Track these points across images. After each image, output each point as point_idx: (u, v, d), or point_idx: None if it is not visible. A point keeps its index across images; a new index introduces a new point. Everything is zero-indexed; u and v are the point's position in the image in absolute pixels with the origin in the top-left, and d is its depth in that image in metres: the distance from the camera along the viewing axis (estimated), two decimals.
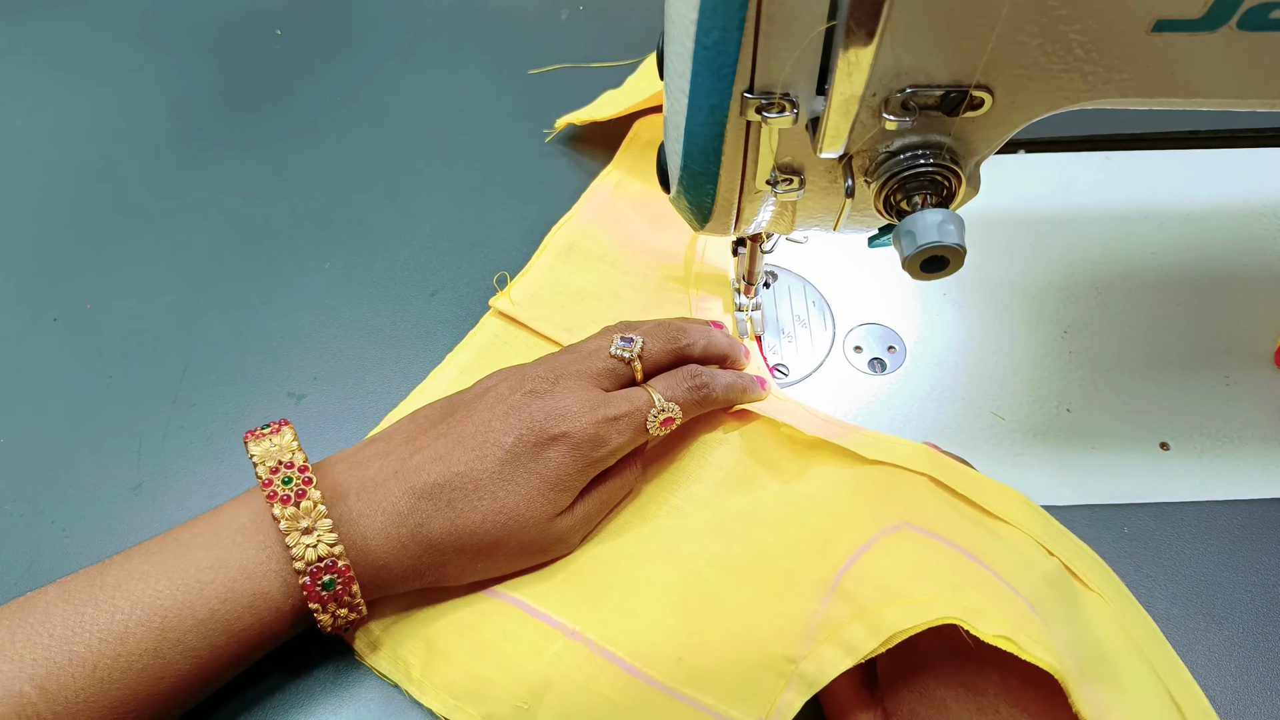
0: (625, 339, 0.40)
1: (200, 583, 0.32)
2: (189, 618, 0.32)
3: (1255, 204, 0.53)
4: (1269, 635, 0.38)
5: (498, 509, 0.35)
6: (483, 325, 0.49)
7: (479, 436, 0.36)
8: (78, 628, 0.31)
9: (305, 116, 0.59)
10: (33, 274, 0.51)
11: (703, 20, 0.28)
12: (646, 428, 0.38)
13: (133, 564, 0.33)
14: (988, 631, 0.30)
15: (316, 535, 0.33)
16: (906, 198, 0.32)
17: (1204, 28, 0.28)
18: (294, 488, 0.33)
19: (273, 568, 0.33)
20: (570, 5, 0.66)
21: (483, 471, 0.35)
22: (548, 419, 0.36)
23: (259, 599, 0.33)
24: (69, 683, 0.30)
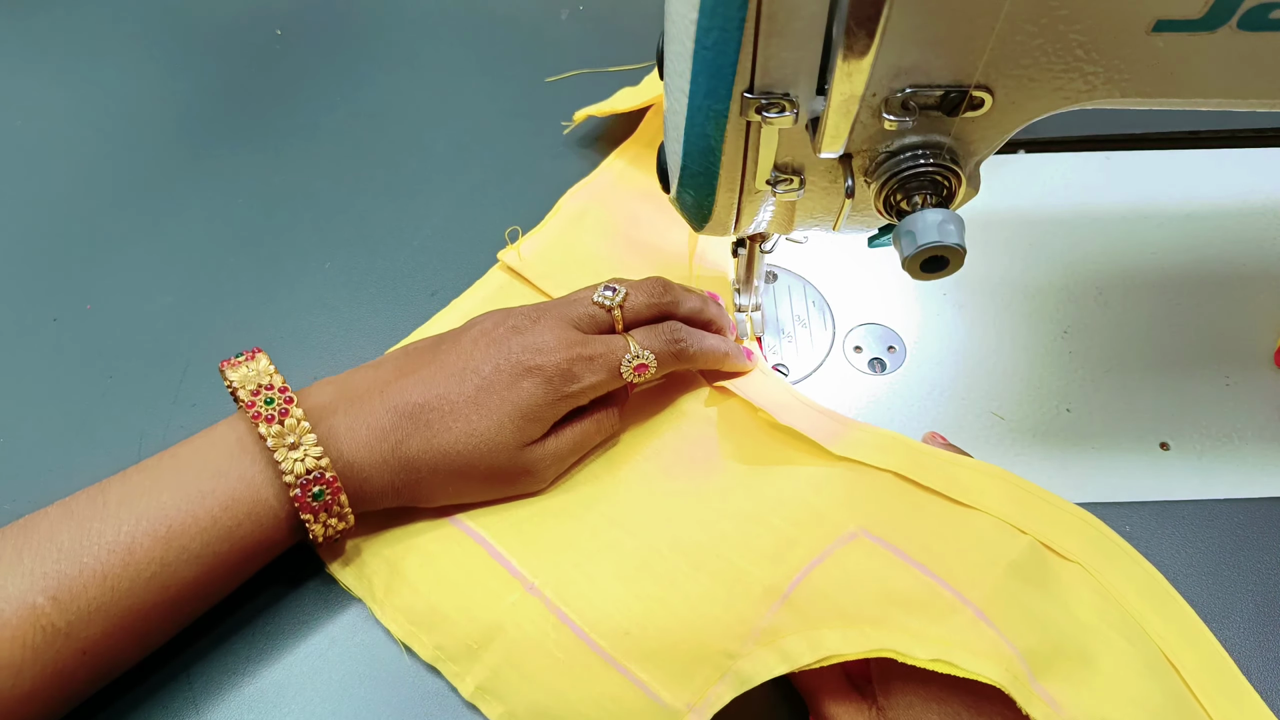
0: (609, 288, 0.41)
1: (202, 492, 0.34)
2: (193, 526, 0.33)
3: (1255, 204, 0.53)
4: (1270, 633, 0.38)
5: (470, 431, 0.37)
6: (488, 277, 0.50)
7: (459, 364, 0.38)
8: (85, 541, 0.32)
9: (305, 117, 0.59)
10: (33, 274, 0.51)
11: (703, 20, 0.28)
12: (620, 371, 0.39)
13: (132, 481, 0.34)
14: (922, 657, 0.32)
15: (303, 450, 0.34)
16: (906, 198, 0.32)
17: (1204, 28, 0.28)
18: (276, 407, 0.35)
19: (270, 476, 0.34)
20: (570, 5, 0.66)
21: (459, 395, 0.37)
22: (524, 351, 0.38)
23: (258, 506, 0.34)
24: (80, 593, 0.31)
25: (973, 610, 0.34)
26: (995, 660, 0.32)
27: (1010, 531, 0.37)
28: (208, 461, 0.35)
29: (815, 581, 0.36)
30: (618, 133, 0.57)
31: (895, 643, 0.33)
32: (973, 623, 0.33)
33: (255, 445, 0.35)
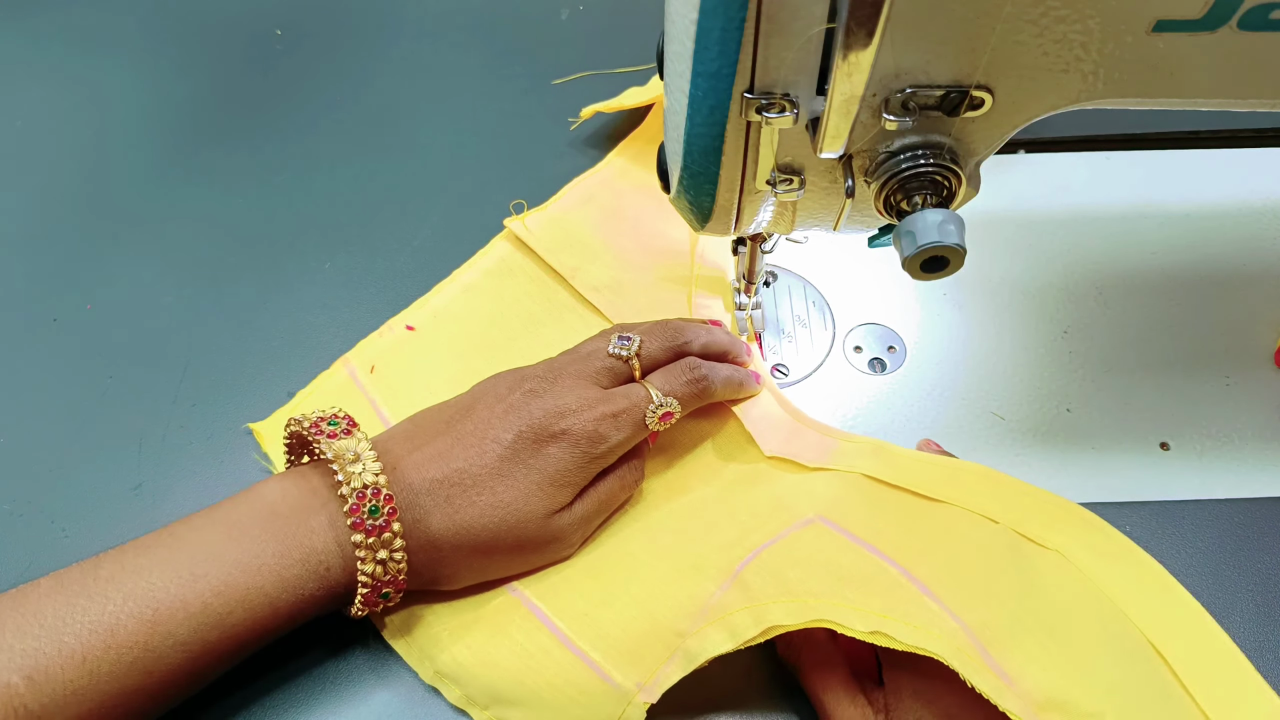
0: (623, 338, 0.40)
1: (194, 576, 0.32)
2: (180, 611, 0.31)
3: (1255, 204, 0.53)
4: (1270, 633, 0.38)
5: (496, 504, 0.35)
6: (491, 248, 0.51)
7: (478, 434, 0.36)
8: (69, 619, 0.30)
9: (305, 117, 0.59)
10: (33, 274, 0.51)
11: (703, 20, 0.28)
12: (645, 423, 0.38)
13: (127, 557, 0.32)
14: (861, 629, 0.32)
15: (363, 464, 0.34)
16: (906, 198, 0.32)
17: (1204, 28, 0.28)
18: (340, 427, 0.35)
19: (268, 562, 0.33)
20: (570, 5, 0.66)
21: (482, 468, 0.36)
22: (547, 416, 0.36)
23: (252, 593, 0.32)
24: (57, 674, 0.30)
25: (917, 586, 0.34)
26: (937, 633, 0.32)
27: (978, 520, 0.37)
28: (205, 543, 0.33)
29: (765, 561, 0.36)
30: (620, 133, 0.57)
31: (836, 615, 0.33)
32: (916, 597, 0.33)
33: (265, 521, 0.33)
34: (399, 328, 0.48)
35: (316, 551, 0.33)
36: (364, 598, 0.34)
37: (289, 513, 0.34)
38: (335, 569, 0.34)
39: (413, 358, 0.47)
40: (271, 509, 0.34)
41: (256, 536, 0.33)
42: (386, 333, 0.48)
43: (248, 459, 0.44)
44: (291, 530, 0.33)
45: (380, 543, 0.33)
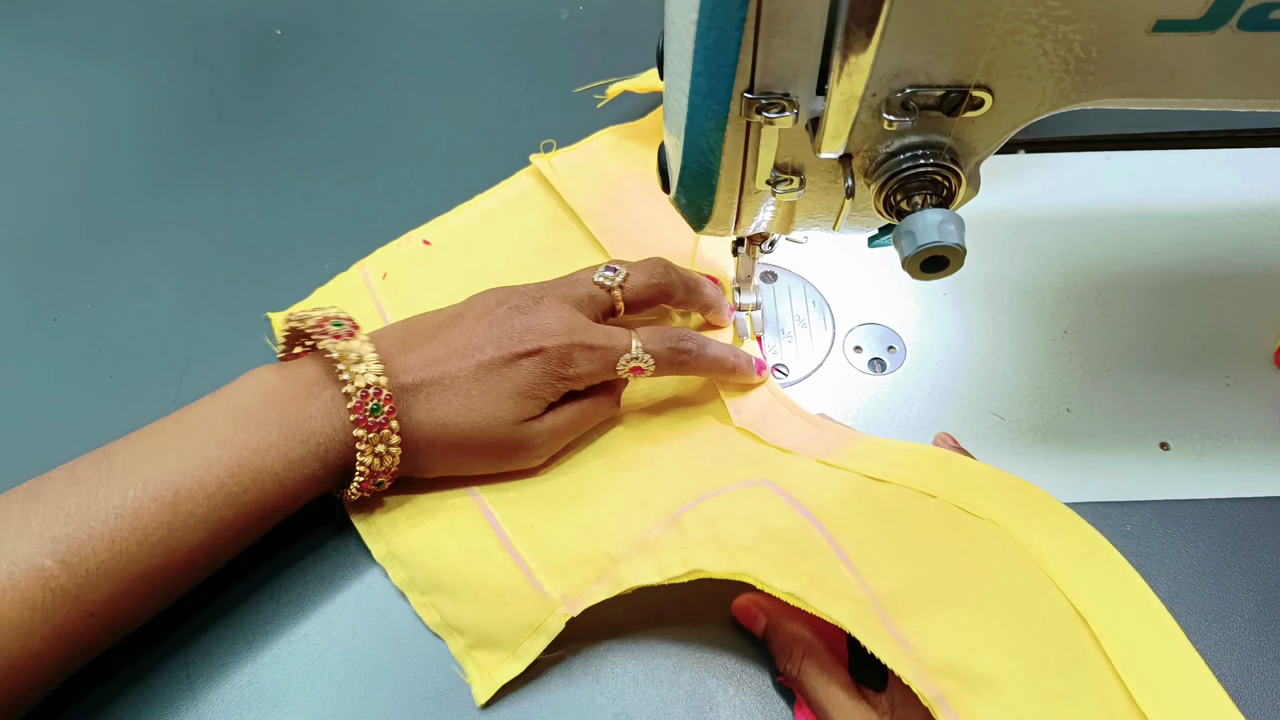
0: (610, 268, 0.42)
1: (208, 459, 0.34)
2: (199, 491, 0.34)
3: (1255, 204, 0.53)
4: (1270, 632, 0.38)
5: (469, 406, 0.38)
6: (515, 179, 0.54)
7: (461, 341, 0.39)
8: (93, 506, 0.32)
9: (305, 117, 0.59)
10: (33, 274, 0.51)
11: (703, 20, 0.28)
12: (615, 368, 0.40)
13: (138, 445, 0.35)
14: (779, 588, 0.34)
15: (365, 365, 0.36)
16: (906, 198, 0.32)
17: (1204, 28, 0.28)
18: (344, 329, 0.38)
19: (274, 443, 0.35)
20: (570, 5, 0.65)
21: (460, 372, 0.38)
22: (526, 332, 0.39)
23: (263, 473, 0.35)
24: (89, 556, 0.32)
25: (837, 553, 0.35)
26: (846, 602, 0.34)
27: (916, 496, 0.37)
28: (213, 429, 0.35)
29: (705, 508, 0.38)
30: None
31: (758, 570, 0.35)
32: (834, 564, 0.35)
33: (270, 405, 0.36)
34: (416, 240, 0.51)
35: (317, 434, 0.36)
36: (360, 484, 0.37)
37: (290, 397, 0.36)
38: (334, 451, 0.36)
39: (424, 271, 0.50)
40: (273, 394, 0.36)
41: (261, 420, 0.35)
42: (405, 244, 0.51)
43: None
44: (293, 414, 0.36)
45: (379, 438, 0.36)
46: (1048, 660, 0.32)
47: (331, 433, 0.36)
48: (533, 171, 0.53)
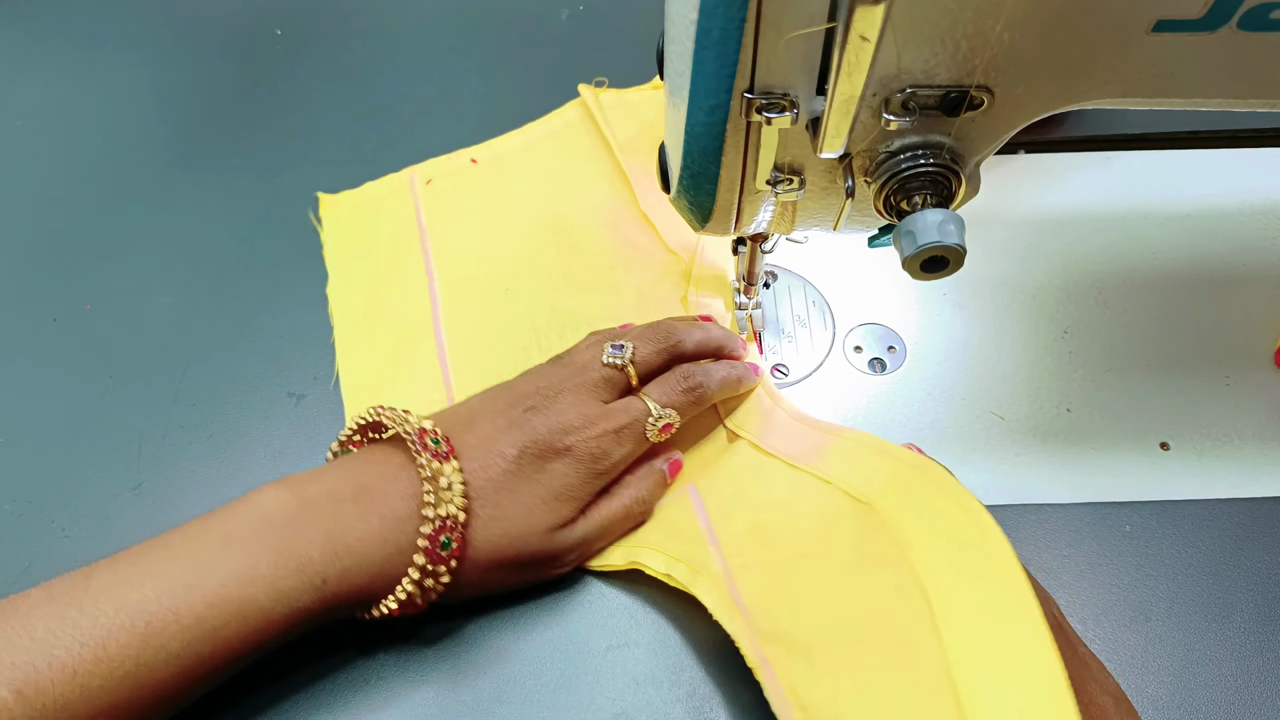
0: (616, 346, 0.40)
1: (187, 587, 0.31)
2: (174, 624, 0.31)
3: (1255, 204, 0.53)
4: (1270, 632, 0.38)
5: (500, 517, 0.36)
6: (563, 111, 0.57)
7: (482, 448, 0.36)
8: (59, 631, 0.30)
9: (305, 116, 0.59)
10: (33, 274, 0.51)
11: (703, 20, 0.28)
12: (646, 436, 0.39)
13: (119, 568, 0.32)
14: (658, 569, 0.38)
15: (453, 493, 0.34)
16: (906, 198, 0.32)
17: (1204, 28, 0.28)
18: (442, 450, 0.35)
19: (262, 573, 0.32)
20: (570, 5, 0.65)
21: (486, 482, 0.36)
22: (551, 433, 0.37)
23: (246, 605, 0.32)
24: (48, 688, 0.29)
25: (709, 536, 0.38)
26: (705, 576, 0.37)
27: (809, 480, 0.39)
28: (198, 553, 0.32)
29: None
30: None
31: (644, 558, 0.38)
32: (705, 546, 0.38)
33: (254, 537, 0.33)
34: (465, 158, 0.55)
35: (313, 562, 0.33)
36: (391, 610, 0.34)
37: (285, 522, 0.33)
38: (331, 581, 0.33)
39: (466, 186, 0.54)
40: (267, 518, 0.33)
41: (250, 547, 0.33)
42: (454, 159, 0.55)
43: (248, 459, 0.44)
44: (288, 541, 0.33)
45: (433, 572, 0.34)
46: (872, 634, 0.32)
47: (333, 558, 0.33)
48: (580, 104, 0.56)
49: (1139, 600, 0.39)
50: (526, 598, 0.39)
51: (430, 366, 0.46)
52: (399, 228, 0.52)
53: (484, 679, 0.37)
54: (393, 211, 0.53)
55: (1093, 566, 0.40)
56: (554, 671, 0.37)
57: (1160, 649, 0.38)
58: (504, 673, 0.37)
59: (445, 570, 0.34)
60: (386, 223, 0.52)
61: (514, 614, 0.39)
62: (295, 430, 0.45)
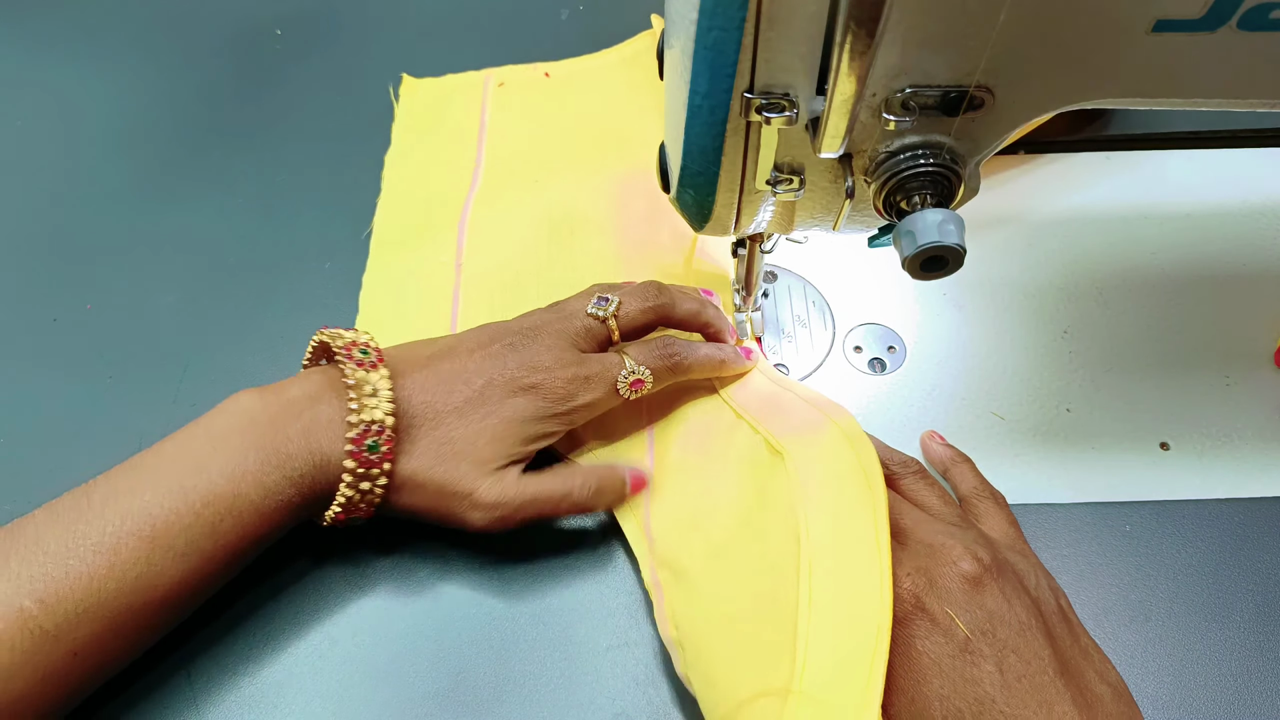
0: (602, 298, 0.41)
1: (183, 489, 0.33)
2: (176, 523, 0.33)
3: (1255, 204, 0.53)
4: (1270, 632, 0.38)
5: (446, 439, 0.37)
6: (638, 39, 0.61)
7: (450, 374, 0.38)
8: (71, 544, 0.32)
9: (305, 116, 0.59)
10: (33, 274, 0.51)
11: (703, 20, 0.28)
12: (617, 389, 0.39)
13: (116, 480, 0.34)
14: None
15: (378, 400, 0.35)
16: (906, 198, 0.32)
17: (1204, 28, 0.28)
18: (370, 359, 0.37)
19: (250, 469, 0.34)
20: (570, 5, 0.65)
21: (444, 405, 0.37)
22: (520, 369, 0.38)
23: (239, 501, 0.34)
24: (67, 595, 0.31)
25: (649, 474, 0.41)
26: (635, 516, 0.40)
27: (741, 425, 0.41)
28: (190, 457, 0.34)
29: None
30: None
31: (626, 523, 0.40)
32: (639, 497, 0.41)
33: (237, 436, 0.35)
34: (540, 71, 0.59)
35: (293, 458, 0.35)
36: (335, 515, 0.36)
37: (268, 422, 0.35)
38: (308, 476, 0.35)
39: (534, 95, 0.58)
40: (250, 418, 0.35)
41: (237, 445, 0.35)
42: (529, 69, 0.59)
43: None
44: (269, 438, 0.35)
45: (367, 475, 0.35)
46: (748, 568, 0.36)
47: (308, 456, 0.35)
48: (651, 35, 0.59)
49: (1139, 600, 0.39)
50: (526, 597, 0.39)
51: (449, 235, 0.51)
52: (464, 118, 0.57)
53: (484, 679, 0.37)
54: (462, 103, 0.58)
55: (1093, 566, 0.40)
56: (554, 671, 0.37)
57: (1160, 649, 0.38)
58: (504, 672, 0.37)
59: (380, 473, 0.35)
60: (454, 111, 0.58)
61: (514, 613, 0.39)
62: None
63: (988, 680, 0.30)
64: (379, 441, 0.35)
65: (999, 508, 0.39)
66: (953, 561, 0.33)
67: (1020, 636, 0.31)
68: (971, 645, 0.31)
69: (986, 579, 0.32)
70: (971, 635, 0.31)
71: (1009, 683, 0.30)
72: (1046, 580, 0.35)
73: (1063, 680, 0.31)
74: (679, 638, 0.36)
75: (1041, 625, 0.32)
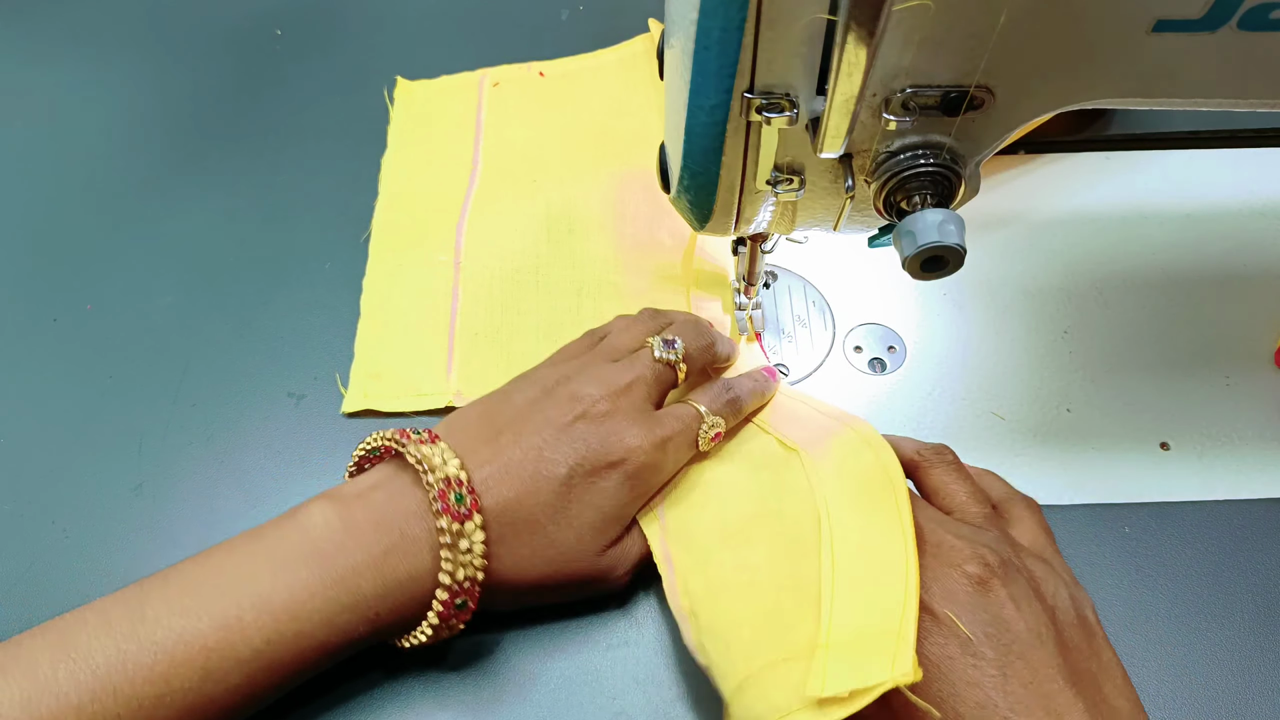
0: (666, 342, 0.39)
1: (242, 623, 0.31)
2: (231, 658, 0.31)
3: (1255, 204, 0.53)
4: (1270, 633, 0.38)
5: (548, 543, 0.35)
6: (631, 43, 0.61)
7: (529, 465, 0.35)
8: (119, 666, 0.30)
9: (305, 116, 0.59)
10: (33, 274, 0.51)
11: (703, 20, 0.28)
12: (698, 444, 0.38)
13: (174, 596, 0.32)
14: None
15: (471, 556, 0.33)
16: (906, 198, 0.32)
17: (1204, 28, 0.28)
18: (465, 507, 0.33)
19: (317, 607, 0.32)
20: (570, 5, 0.65)
21: (535, 505, 0.34)
22: (604, 447, 0.35)
23: (303, 640, 0.32)
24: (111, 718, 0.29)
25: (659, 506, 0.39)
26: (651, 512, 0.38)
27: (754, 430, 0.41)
28: (249, 581, 0.32)
29: None
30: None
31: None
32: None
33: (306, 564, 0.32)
34: (534, 70, 0.59)
35: (365, 597, 0.32)
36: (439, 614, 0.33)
37: (334, 551, 0.33)
38: (384, 614, 0.33)
39: (529, 94, 0.58)
40: (315, 546, 0.33)
41: (301, 575, 0.32)
42: (524, 69, 0.59)
43: (248, 459, 0.44)
44: (339, 572, 0.32)
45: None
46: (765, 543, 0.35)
47: (383, 593, 0.33)
48: (648, 38, 0.59)
49: (1139, 601, 0.39)
50: None
51: (447, 235, 0.51)
52: (459, 119, 0.58)
53: (484, 678, 0.37)
54: (457, 104, 0.58)
55: (1092, 567, 0.40)
56: (554, 671, 0.37)
57: (1160, 649, 0.38)
58: (504, 672, 0.37)
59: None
60: (450, 113, 0.58)
61: (513, 613, 0.39)
62: (295, 430, 0.45)
63: (989, 684, 0.30)
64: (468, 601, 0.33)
65: (1031, 513, 0.38)
66: (959, 563, 0.32)
67: (1028, 643, 0.31)
68: (973, 647, 0.31)
69: (994, 582, 0.32)
70: (973, 637, 0.31)
71: (1013, 688, 0.30)
72: (1069, 590, 0.34)
73: (1074, 690, 0.30)
74: (691, 606, 0.35)
75: (1054, 633, 0.31)
